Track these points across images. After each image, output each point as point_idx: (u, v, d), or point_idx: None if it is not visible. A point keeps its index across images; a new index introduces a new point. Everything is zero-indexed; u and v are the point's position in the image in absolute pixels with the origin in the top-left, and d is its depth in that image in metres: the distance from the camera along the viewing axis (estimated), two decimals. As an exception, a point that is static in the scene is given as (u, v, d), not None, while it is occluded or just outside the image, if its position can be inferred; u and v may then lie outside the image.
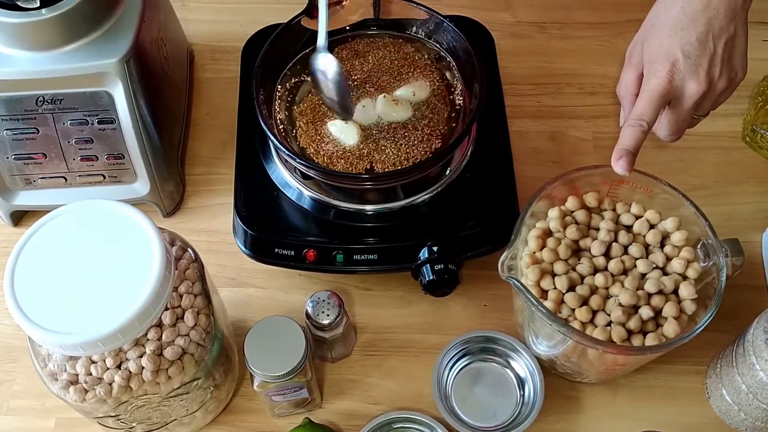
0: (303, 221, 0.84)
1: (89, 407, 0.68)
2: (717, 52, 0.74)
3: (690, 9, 0.74)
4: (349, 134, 0.82)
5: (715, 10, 0.74)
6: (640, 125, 0.73)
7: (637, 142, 0.73)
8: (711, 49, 0.74)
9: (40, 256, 0.64)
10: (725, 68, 0.75)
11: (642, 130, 0.73)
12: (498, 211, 0.84)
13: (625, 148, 0.73)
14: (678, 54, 0.74)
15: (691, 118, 0.79)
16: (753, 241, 0.92)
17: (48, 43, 0.80)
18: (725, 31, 0.74)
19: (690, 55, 0.74)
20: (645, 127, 0.73)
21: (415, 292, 0.86)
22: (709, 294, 0.73)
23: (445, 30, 0.88)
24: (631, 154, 0.73)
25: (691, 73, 0.74)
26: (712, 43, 0.74)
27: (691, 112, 0.77)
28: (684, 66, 0.74)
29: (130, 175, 0.90)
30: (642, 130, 0.73)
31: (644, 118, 0.73)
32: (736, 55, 0.76)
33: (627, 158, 0.73)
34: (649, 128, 0.74)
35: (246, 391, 0.84)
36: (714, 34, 0.74)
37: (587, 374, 0.81)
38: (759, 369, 0.72)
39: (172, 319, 0.67)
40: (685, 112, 0.77)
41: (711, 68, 0.74)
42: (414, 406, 0.82)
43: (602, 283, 0.74)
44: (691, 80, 0.74)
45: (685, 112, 0.77)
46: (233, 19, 1.12)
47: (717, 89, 0.76)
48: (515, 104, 1.02)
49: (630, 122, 0.74)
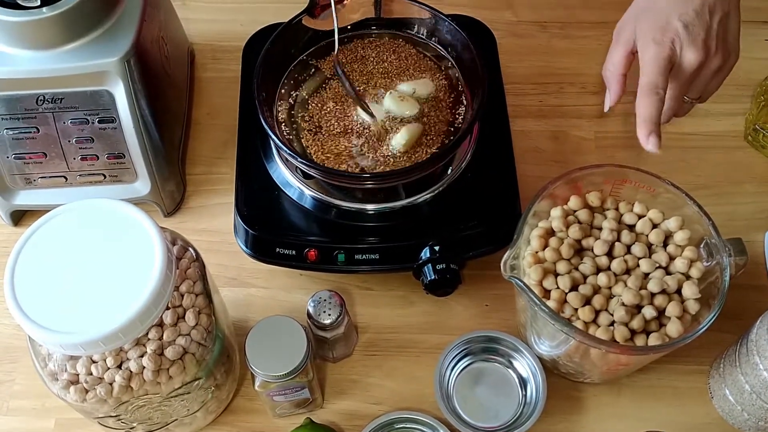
0: (304, 221, 0.84)
1: (90, 407, 0.67)
2: (713, 26, 0.75)
3: None
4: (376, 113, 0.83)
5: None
6: (656, 92, 0.72)
7: (657, 110, 0.73)
8: (707, 21, 0.74)
9: (41, 256, 0.64)
10: (720, 44, 0.76)
11: (659, 97, 0.72)
12: (500, 210, 0.84)
13: (649, 120, 0.72)
14: (676, 23, 0.74)
15: (683, 99, 0.79)
16: (755, 240, 0.91)
17: (48, 41, 0.80)
18: (720, 7, 0.75)
19: (688, 25, 0.74)
20: (661, 93, 0.73)
21: (417, 291, 0.86)
22: (713, 294, 0.73)
23: (447, 29, 0.88)
24: (657, 126, 0.72)
25: (689, 42, 0.74)
26: (708, 16, 0.74)
27: (685, 87, 0.77)
28: (683, 34, 0.74)
29: (131, 175, 0.90)
30: (659, 97, 0.72)
31: (658, 84, 0.73)
32: (730, 35, 0.77)
33: (655, 133, 0.72)
34: (664, 94, 0.73)
35: (247, 391, 0.84)
36: (710, 7, 0.74)
37: (590, 374, 0.81)
38: (762, 369, 0.72)
39: (173, 318, 0.67)
40: (681, 86, 0.77)
41: (708, 39, 0.74)
42: (416, 407, 0.82)
43: (605, 282, 0.73)
44: (690, 49, 0.74)
45: (680, 86, 0.77)
46: (234, 19, 1.12)
47: (712, 64, 0.76)
48: (517, 103, 1.02)
49: (644, 90, 0.73)
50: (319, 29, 0.89)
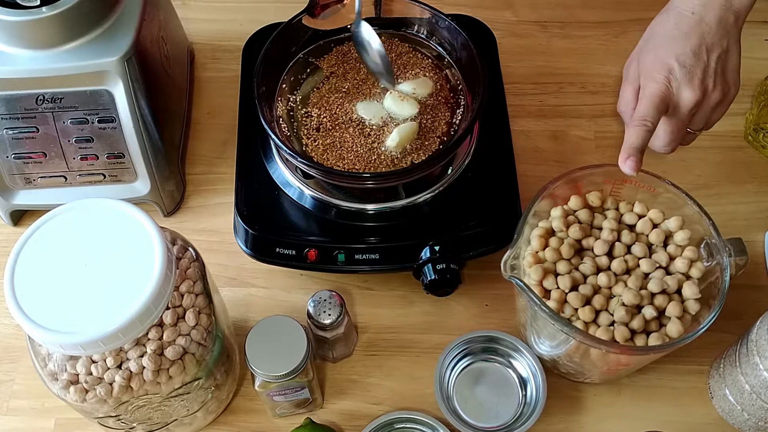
0: (304, 221, 0.84)
1: (90, 407, 0.67)
2: (710, 65, 0.77)
3: (683, 24, 0.78)
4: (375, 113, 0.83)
5: (707, 25, 0.77)
6: (644, 124, 0.74)
7: (642, 140, 0.74)
8: (704, 61, 0.77)
9: (41, 255, 0.64)
10: (719, 80, 0.78)
11: (647, 129, 0.74)
12: (500, 210, 0.84)
13: (632, 146, 0.74)
14: (673, 63, 0.76)
15: (686, 131, 0.81)
16: (756, 240, 0.91)
17: (48, 41, 0.80)
18: (717, 45, 0.77)
19: (685, 65, 0.76)
20: (649, 125, 0.74)
21: (417, 291, 0.86)
22: (713, 294, 0.73)
23: (447, 29, 0.87)
24: (638, 153, 0.74)
25: (686, 81, 0.76)
26: (705, 56, 0.77)
27: (686, 122, 0.79)
28: (680, 74, 0.76)
29: (131, 175, 0.90)
30: (647, 129, 0.74)
31: (647, 117, 0.75)
32: (729, 69, 0.79)
33: (635, 157, 0.74)
34: (653, 127, 0.75)
35: (247, 392, 0.84)
36: (707, 47, 0.77)
37: (590, 374, 0.81)
38: (763, 369, 0.72)
39: (173, 318, 0.67)
40: (681, 122, 0.79)
41: (705, 78, 0.77)
42: (416, 407, 0.82)
43: (605, 282, 0.73)
44: (686, 89, 0.76)
45: (680, 121, 0.79)
46: (233, 18, 1.12)
47: (711, 100, 0.78)
48: (517, 103, 1.02)
49: (634, 122, 0.75)
50: (319, 29, 0.89)
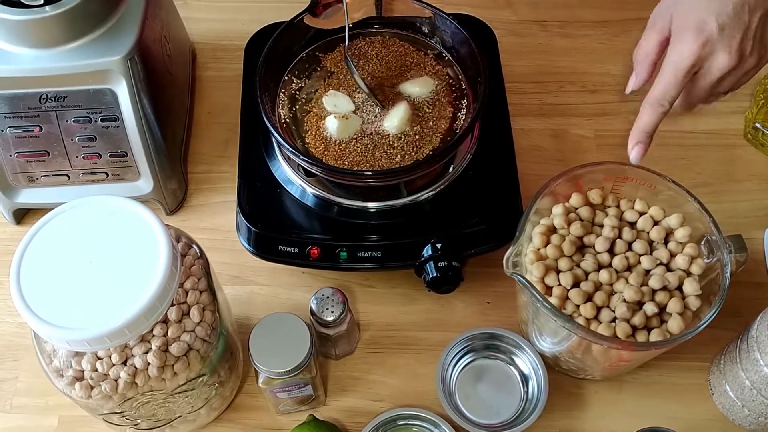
0: (306, 218, 0.84)
1: (94, 404, 0.68)
2: (751, 26, 0.71)
3: None
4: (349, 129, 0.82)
5: None
6: (661, 105, 0.71)
7: (657, 122, 0.72)
8: (746, 22, 0.71)
9: (46, 252, 0.64)
10: (757, 44, 0.72)
11: (663, 110, 0.71)
12: (501, 208, 0.84)
13: (644, 130, 0.71)
14: (712, 23, 0.70)
15: (710, 93, 0.76)
16: (755, 238, 0.92)
17: (51, 40, 0.80)
18: (761, 5, 0.71)
19: (725, 26, 0.70)
20: (666, 107, 0.71)
21: (419, 289, 0.86)
22: (713, 290, 0.74)
23: (448, 28, 0.88)
24: (648, 138, 0.71)
25: (723, 45, 0.71)
26: (747, 16, 0.71)
27: (713, 86, 0.74)
28: (716, 36, 0.70)
29: (133, 173, 0.90)
30: (663, 110, 0.71)
31: (667, 97, 0.71)
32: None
33: (644, 144, 0.72)
34: (671, 107, 0.72)
35: (250, 389, 0.84)
36: (750, 6, 0.71)
37: (591, 371, 0.81)
38: (763, 365, 0.72)
39: (178, 315, 0.67)
40: (708, 85, 0.74)
41: (743, 42, 0.71)
42: (418, 403, 0.82)
43: (606, 279, 0.74)
44: (722, 53, 0.71)
45: (707, 85, 0.74)
46: (235, 18, 1.12)
47: (746, 66, 0.73)
48: (517, 102, 1.02)
49: (651, 100, 0.72)
50: (321, 28, 0.89)
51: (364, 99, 0.85)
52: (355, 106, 0.84)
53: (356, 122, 0.83)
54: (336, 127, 0.82)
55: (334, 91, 0.85)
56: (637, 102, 0.75)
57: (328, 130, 0.83)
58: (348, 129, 0.82)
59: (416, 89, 0.86)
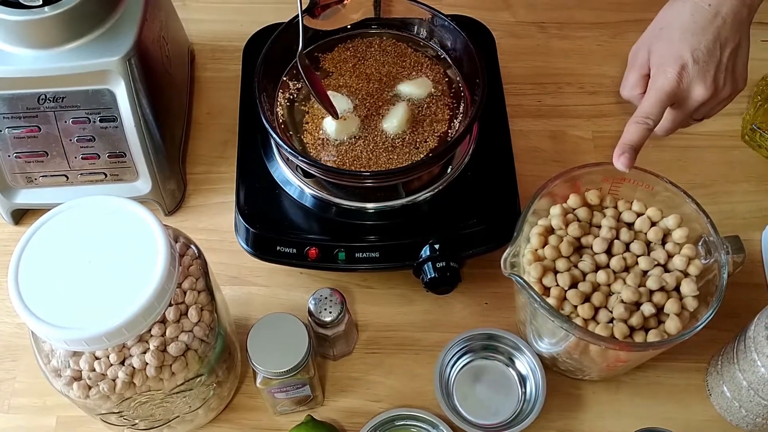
0: (305, 219, 0.84)
1: (92, 403, 0.68)
2: (723, 61, 0.77)
3: (699, 17, 0.77)
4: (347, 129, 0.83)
5: (722, 20, 0.77)
6: (645, 122, 0.75)
7: (640, 138, 0.75)
8: (717, 57, 0.77)
9: (45, 252, 0.64)
10: (729, 77, 0.78)
11: (647, 127, 0.75)
12: (499, 209, 0.85)
13: (629, 144, 0.75)
14: (688, 58, 0.76)
15: (687, 121, 0.82)
16: (753, 239, 0.92)
17: (50, 41, 0.80)
18: (731, 40, 0.77)
19: (699, 61, 0.76)
20: (650, 124, 0.75)
21: (417, 290, 0.86)
22: (711, 291, 0.74)
23: (447, 29, 0.88)
24: (633, 150, 0.75)
25: (699, 78, 0.76)
26: (719, 52, 0.77)
27: (690, 114, 0.80)
28: (692, 70, 0.76)
29: (132, 174, 0.90)
30: (647, 127, 0.75)
31: (650, 116, 0.75)
32: (739, 65, 0.79)
33: (629, 154, 0.75)
34: (654, 126, 0.76)
35: (248, 389, 0.84)
36: (721, 42, 0.77)
37: (589, 371, 0.81)
38: (760, 365, 0.72)
39: (176, 315, 0.67)
40: (686, 113, 0.80)
41: (717, 75, 0.77)
42: (416, 404, 0.82)
43: (604, 280, 0.74)
44: (699, 85, 0.77)
45: (685, 113, 0.80)
46: (233, 19, 1.12)
47: (720, 96, 0.79)
48: (516, 103, 1.02)
49: (635, 119, 0.76)
50: (320, 29, 0.89)
51: (364, 98, 0.85)
52: (353, 106, 0.85)
53: (354, 122, 0.83)
54: (334, 127, 0.82)
55: (332, 92, 0.85)
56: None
57: (326, 130, 0.83)
58: (346, 129, 0.83)
59: (414, 90, 0.86)
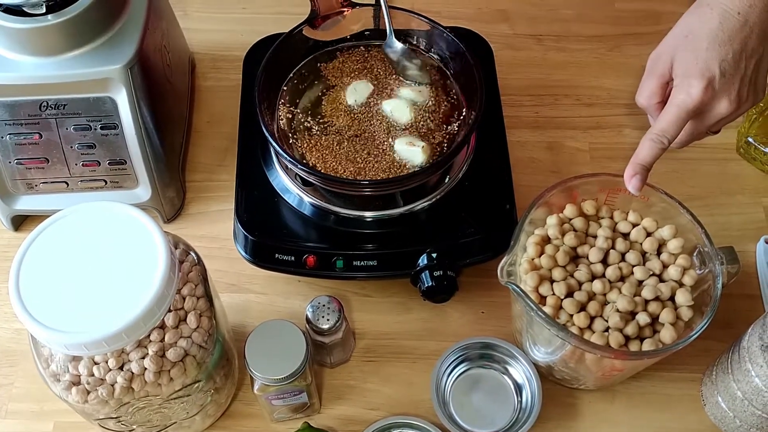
0: (303, 227, 0.85)
1: (91, 408, 0.68)
2: (747, 73, 0.75)
3: (728, 26, 0.74)
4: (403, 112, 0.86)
5: (750, 29, 0.74)
6: (661, 141, 0.74)
7: (654, 157, 0.74)
8: (743, 69, 0.74)
9: (45, 257, 0.65)
10: (752, 90, 0.76)
11: (662, 146, 0.74)
12: (496, 218, 0.85)
13: (641, 163, 0.73)
14: (716, 70, 0.73)
15: (705, 133, 0.80)
16: (747, 250, 0.93)
17: (53, 48, 0.81)
18: (756, 51, 0.75)
19: (725, 73, 0.73)
20: (665, 144, 0.74)
21: (414, 298, 0.87)
22: (705, 301, 0.74)
23: (445, 41, 0.89)
24: (645, 171, 0.74)
25: (724, 91, 0.74)
26: (744, 63, 0.74)
27: (709, 128, 0.78)
28: (719, 83, 0.74)
29: (132, 181, 0.91)
30: (662, 146, 0.74)
31: (667, 135, 0.74)
32: (761, 78, 0.77)
33: (641, 176, 0.73)
34: (669, 144, 0.74)
35: (245, 396, 0.84)
36: (747, 53, 0.74)
37: (584, 380, 0.82)
38: (754, 375, 0.73)
39: (175, 320, 0.67)
40: (706, 127, 0.78)
41: (741, 88, 0.75)
42: (412, 412, 0.82)
43: (600, 289, 0.75)
44: (724, 99, 0.74)
45: (705, 127, 0.78)
46: (234, 29, 1.13)
47: (741, 110, 0.76)
48: (513, 114, 1.03)
49: (651, 135, 0.74)
50: (320, 39, 0.90)
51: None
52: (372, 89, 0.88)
53: (367, 88, 0.87)
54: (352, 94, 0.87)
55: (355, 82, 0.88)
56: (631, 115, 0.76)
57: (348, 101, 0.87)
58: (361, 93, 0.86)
59: (414, 97, 0.87)
